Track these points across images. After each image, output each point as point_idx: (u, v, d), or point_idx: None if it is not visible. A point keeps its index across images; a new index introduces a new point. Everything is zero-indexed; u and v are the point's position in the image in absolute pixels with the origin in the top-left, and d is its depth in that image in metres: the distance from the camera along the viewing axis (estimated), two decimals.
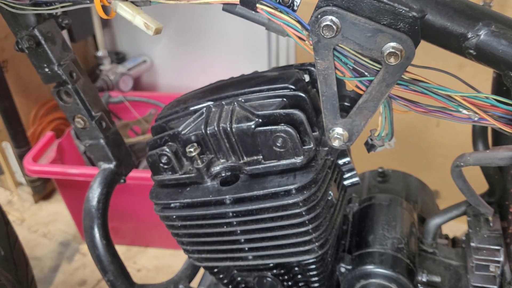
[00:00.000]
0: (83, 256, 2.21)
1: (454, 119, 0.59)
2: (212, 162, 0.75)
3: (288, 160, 0.70)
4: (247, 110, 0.71)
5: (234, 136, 0.71)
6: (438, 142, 2.02)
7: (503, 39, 0.52)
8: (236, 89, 0.75)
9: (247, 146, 0.72)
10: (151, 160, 0.77)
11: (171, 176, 0.76)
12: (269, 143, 0.70)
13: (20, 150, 2.31)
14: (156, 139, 0.77)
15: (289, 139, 0.68)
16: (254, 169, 0.72)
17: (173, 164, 0.75)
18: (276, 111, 0.69)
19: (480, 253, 0.84)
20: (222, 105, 0.74)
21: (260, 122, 0.70)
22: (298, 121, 0.69)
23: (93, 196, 0.92)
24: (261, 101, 0.73)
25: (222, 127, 0.71)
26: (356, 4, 0.53)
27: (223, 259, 0.81)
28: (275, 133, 0.68)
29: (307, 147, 0.70)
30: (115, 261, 0.92)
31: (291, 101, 0.71)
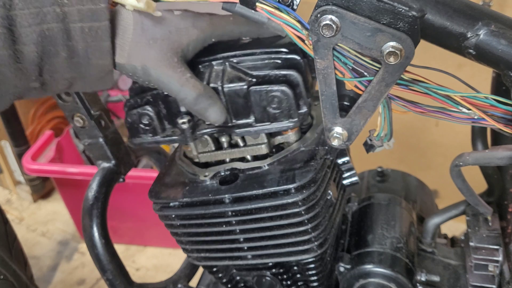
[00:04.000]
0: (82, 255, 2.21)
1: (453, 119, 0.59)
2: (197, 124, 0.72)
3: (282, 123, 0.68)
4: (240, 71, 0.68)
5: (225, 97, 0.68)
6: (437, 141, 2.02)
7: (502, 38, 0.52)
8: (226, 51, 0.70)
9: (238, 107, 0.69)
10: (130, 121, 0.72)
11: (151, 139, 0.73)
12: (263, 104, 0.67)
13: (19, 149, 2.31)
14: (136, 99, 0.72)
15: (285, 99, 0.66)
16: (244, 131, 0.70)
17: (154, 126, 0.72)
18: (271, 72, 0.67)
19: (479, 252, 0.84)
20: (212, 65, 0.70)
21: (255, 82, 0.67)
22: (294, 82, 0.66)
23: (92, 195, 0.92)
24: (254, 62, 0.69)
25: (213, 87, 0.67)
26: (356, 4, 0.53)
27: (222, 258, 0.81)
28: (271, 92, 0.66)
29: (302, 111, 0.68)
30: (114, 260, 0.92)
31: (285, 63, 0.68)
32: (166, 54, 0.60)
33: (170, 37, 0.61)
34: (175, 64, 0.61)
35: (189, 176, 0.79)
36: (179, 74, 0.61)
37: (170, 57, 0.61)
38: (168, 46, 0.61)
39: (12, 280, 1.09)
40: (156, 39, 0.60)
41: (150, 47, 0.60)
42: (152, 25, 0.60)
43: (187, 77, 0.62)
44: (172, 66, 0.61)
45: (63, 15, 0.54)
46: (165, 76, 0.61)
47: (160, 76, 0.61)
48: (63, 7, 0.54)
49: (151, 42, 0.60)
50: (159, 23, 0.61)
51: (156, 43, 0.60)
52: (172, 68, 0.61)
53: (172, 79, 0.61)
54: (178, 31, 0.62)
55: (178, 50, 0.62)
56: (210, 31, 0.65)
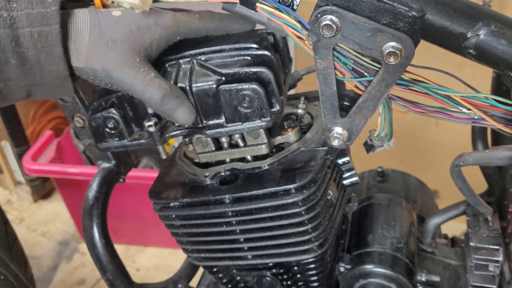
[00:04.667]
0: (82, 255, 2.21)
1: (453, 119, 0.59)
2: (166, 126, 0.68)
3: (254, 123, 0.65)
4: (209, 69, 0.65)
5: (194, 96, 0.65)
6: (437, 141, 2.02)
7: (502, 39, 0.52)
8: (194, 48, 0.67)
9: (207, 107, 0.66)
10: (95, 125, 0.69)
11: (117, 143, 0.69)
12: (233, 103, 0.64)
13: (19, 149, 2.31)
14: (101, 102, 0.68)
15: (256, 98, 0.63)
16: (215, 133, 0.67)
17: (120, 129, 0.68)
18: (241, 69, 0.64)
19: (479, 252, 0.84)
20: (179, 64, 0.67)
21: (224, 81, 0.64)
22: (266, 80, 0.63)
23: (92, 195, 0.92)
24: (223, 60, 0.66)
25: (180, 87, 0.64)
26: (356, 4, 0.53)
27: (222, 258, 0.81)
28: (241, 91, 0.63)
29: (274, 109, 0.65)
30: (114, 260, 0.92)
31: (256, 60, 0.65)
32: (127, 55, 0.59)
33: (131, 37, 0.59)
34: (138, 64, 0.59)
35: (189, 176, 0.79)
36: (142, 75, 0.59)
37: (132, 57, 0.59)
38: (129, 47, 0.59)
39: (12, 280, 1.09)
40: (115, 40, 0.58)
41: (109, 49, 0.58)
42: (110, 26, 0.59)
43: (152, 76, 0.60)
44: (135, 66, 0.59)
45: (10, 20, 0.52)
46: (127, 77, 0.59)
47: (122, 78, 0.59)
48: (11, 12, 0.53)
49: (110, 43, 0.58)
50: (118, 23, 0.59)
51: (116, 44, 0.58)
52: (134, 68, 0.59)
53: (135, 80, 0.59)
54: (139, 30, 0.60)
55: (140, 50, 0.60)
56: (174, 29, 0.63)
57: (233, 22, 0.66)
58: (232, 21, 0.66)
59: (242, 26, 0.67)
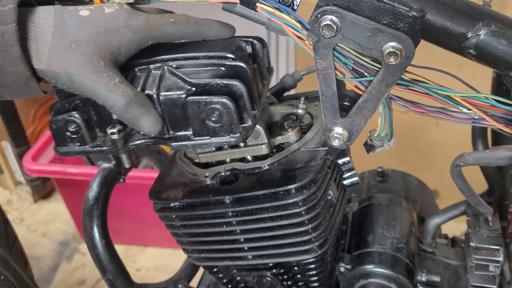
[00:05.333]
0: (82, 255, 2.21)
1: (454, 119, 0.59)
2: (131, 134, 0.64)
3: (222, 138, 0.61)
4: (179, 77, 0.62)
5: (161, 106, 0.61)
6: (438, 141, 2.02)
7: (503, 39, 0.52)
8: (166, 53, 0.64)
9: (175, 118, 0.62)
10: (55, 127, 0.65)
11: (78, 148, 0.66)
12: (201, 116, 0.60)
13: (20, 149, 2.31)
14: (64, 103, 0.64)
15: (226, 112, 0.59)
16: (181, 145, 0.63)
17: (82, 134, 0.64)
18: (213, 81, 0.60)
19: (479, 252, 0.84)
20: (149, 69, 0.63)
21: (193, 91, 0.61)
22: (238, 94, 0.60)
23: (92, 195, 0.92)
24: (196, 68, 0.63)
25: (148, 94, 0.61)
26: (356, 4, 0.53)
27: (223, 258, 0.81)
28: (210, 104, 0.59)
29: (245, 124, 0.62)
30: (115, 260, 0.92)
31: (230, 71, 0.62)
32: (91, 58, 0.56)
33: (98, 38, 0.56)
34: (102, 69, 0.56)
35: (190, 176, 0.79)
36: (106, 79, 0.56)
37: (96, 60, 0.56)
38: (94, 49, 0.56)
39: (12, 281, 1.09)
40: (79, 42, 0.55)
41: (72, 51, 0.55)
42: (76, 26, 0.56)
43: (116, 82, 0.57)
44: (98, 70, 0.56)
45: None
46: (90, 82, 0.56)
47: (84, 82, 0.56)
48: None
49: (73, 45, 0.55)
50: (84, 23, 0.56)
51: (80, 45, 0.55)
52: (97, 73, 0.56)
53: (97, 85, 0.56)
54: (107, 31, 0.57)
55: (106, 53, 0.57)
56: (145, 32, 0.59)
57: (211, 28, 0.64)
58: (210, 27, 0.64)
59: (220, 33, 0.64)
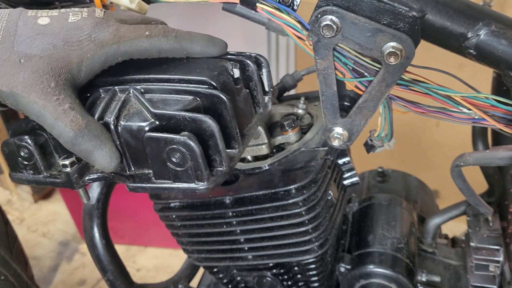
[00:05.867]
0: (82, 255, 2.21)
1: (454, 120, 0.59)
2: (87, 167, 0.55)
3: (186, 184, 0.51)
4: (143, 105, 0.52)
5: (120, 138, 0.52)
6: (438, 142, 2.02)
7: (503, 39, 0.52)
8: (138, 72, 0.55)
9: (136, 153, 0.53)
10: (7, 151, 0.56)
11: (32, 177, 0.57)
12: (162, 157, 0.50)
13: None
14: (21, 123, 0.57)
15: (189, 156, 0.49)
16: (139, 187, 0.53)
17: (35, 162, 0.56)
18: (179, 114, 0.50)
19: (479, 253, 0.84)
20: (114, 91, 0.54)
21: (156, 125, 0.51)
22: (208, 133, 0.50)
23: (92, 195, 0.92)
24: (166, 95, 0.53)
25: (105, 123, 0.52)
26: (356, 4, 0.53)
27: (223, 258, 0.81)
28: (171, 144, 0.49)
29: (217, 169, 0.51)
30: (115, 260, 0.93)
31: (205, 101, 0.52)
32: (40, 77, 0.48)
33: (53, 53, 0.49)
34: (50, 91, 0.48)
35: None
36: (53, 104, 0.48)
37: (46, 80, 0.48)
38: (48, 66, 0.48)
39: (12, 281, 1.09)
40: (30, 56, 0.48)
41: (20, 67, 0.48)
42: (30, 37, 0.49)
43: (65, 108, 0.48)
44: (46, 93, 0.48)
45: None
46: (36, 106, 0.48)
47: (29, 106, 0.48)
48: None
49: (22, 60, 0.48)
50: (41, 34, 0.49)
51: (30, 61, 0.48)
52: (45, 95, 0.48)
53: (43, 111, 0.48)
54: (66, 45, 0.49)
55: (61, 72, 0.49)
56: (113, 47, 0.51)
57: (194, 43, 0.55)
58: (193, 42, 0.55)
59: (205, 49, 0.55)
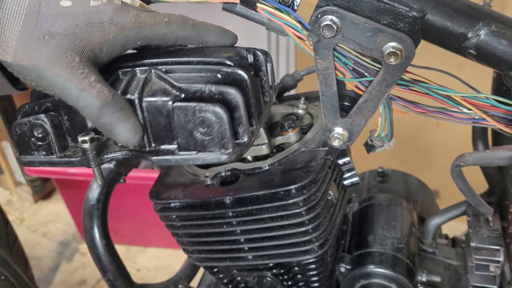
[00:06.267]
0: (82, 255, 2.21)
1: (454, 120, 0.59)
2: (105, 145, 0.56)
3: (211, 154, 0.53)
4: (167, 82, 0.54)
5: (143, 113, 0.54)
6: (438, 142, 2.02)
7: (503, 39, 0.52)
8: (157, 57, 0.57)
9: (159, 129, 0.54)
10: (19, 132, 0.56)
11: (44, 158, 0.57)
12: (188, 126, 0.52)
13: None
14: (33, 105, 0.57)
15: (218, 123, 0.51)
16: (162, 160, 0.55)
17: (50, 141, 0.56)
18: (205, 87, 0.52)
19: (480, 253, 0.84)
20: (134, 72, 0.56)
21: (182, 98, 0.53)
22: (233, 104, 0.52)
23: (93, 195, 0.92)
24: (188, 73, 0.55)
25: (128, 99, 0.53)
26: (356, 4, 0.53)
27: (223, 259, 0.81)
28: (200, 112, 0.51)
29: (240, 141, 0.53)
30: (115, 260, 0.93)
31: (227, 78, 0.54)
32: (64, 53, 0.49)
33: (76, 32, 0.50)
34: (75, 65, 0.49)
35: (190, 176, 0.79)
36: (79, 77, 0.49)
37: (70, 55, 0.49)
38: (70, 43, 0.49)
39: (13, 281, 1.09)
40: (54, 34, 0.49)
41: (44, 43, 0.49)
42: (52, 16, 0.49)
43: (91, 80, 0.50)
44: (71, 66, 0.49)
45: None
46: (60, 79, 0.49)
47: (54, 79, 0.49)
48: None
49: (46, 37, 0.49)
50: (64, 15, 0.50)
51: (54, 38, 0.49)
52: (70, 69, 0.49)
53: (69, 82, 0.49)
54: (88, 26, 0.50)
55: (84, 50, 0.50)
56: (134, 31, 0.53)
57: (210, 32, 0.57)
58: (208, 31, 0.57)
59: (219, 39, 0.58)
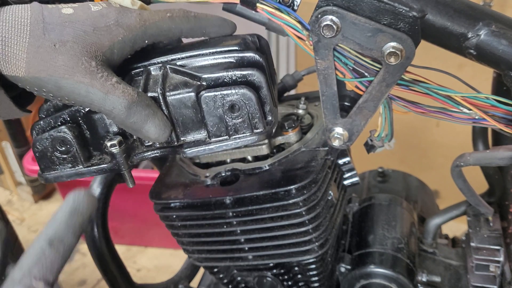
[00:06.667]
0: (83, 256, 2.21)
1: (454, 120, 0.59)
2: (132, 147, 0.56)
3: (243, 136, 0.54)
4: (186, 74, 0.55)
5: (168, 108, 0.54)
6: (438, 142, 2.02)
7: (503, 39, 0.52)
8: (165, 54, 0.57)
9: (185, 121, 0.55)
10: (40, 148, 0.55)
11: (71, 171, 0.56)
12: (218, 113, 0.53)
13: (20, 150, 2.31)
14: (48, 120, 0.56)
15: (247, 105, 0.52)
16: (196, 151, 0.55)
17: (74, 152, 0.55)
18: (226, 72, 0.53)
19: (480, 253, 0.84)
20: (148, 71, 0.56)
21: (205, 86, 0.54)
22: (257, 84, 0.53)
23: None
24: (202, 63, 0.56)
25: (151, 97, 0.53)
26: (356, 4, 0.53)
27: (223, 259, 0.81)
28: (228, 97, 0.52)
29: (268, 119, 0.55)
30: (115, 261, 0.93)
31: (242, 62, 0.55)
32: (80, 59, 0.48)
33: (86, 38, 0.49)
34: (93, 69, 0.48)
35: (190, 176, 0.79)
36: (100, 81, 0.48)
37: (86, 61, 0.48)
38: (82, 49, 0.49)
39: None
40: (64, 42, 0.48)
41: (56, 52, 0.47)
42: (59, 24, 0.49)
43: (113, 82, 0.49)
44: (90, 72, 0.48)
45: None
46: (82, 86, 0.48)
47: (75, 87, 0.48)
48: None
49: (57, 45, 0.48)
50: (69, 22, 0.49)
51: (65, 46, 0.48)
52: (90, 74, 0.48)
53: (91, 88, 0.48)
54: (96, 30, 0.50)
55: (97, 54, 0.50)
56: (140, 30, 0.53)
57: (211, 23, 0.58)
58: (210, 22, 0.58)
59: (221, 29, 0.59)
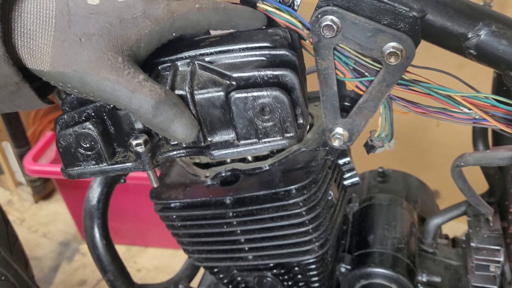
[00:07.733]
0: (83, 256, 2.21)
1: (454, 120, 0.59)
2: (158, 146, 0.55)
3: (274, 140, 0.52)
4: (215, 72, 0.52)
5: (196, 107, 0.51)
6: (438, 142, 2.02)
7: (503, 39, 0.52)
8: (193, 48, 0.54)
9: (213, 121, 0.52)
10: (64, 144, 0.53)
11: (94, 168, 0.55)
12: (248, 115, 0.51)
13: (20, 150, 2.31)
14: (72, 115, 0.54)
15: (279, 108, 0.50)
16: (224, 154, 0.53)
17: (99, 150, 0.53)
18: (258, 72, 0.50)
19: (480, 253, 0.84)
20: (175, 66, 0.53)
21: (235, 86, 0.51)
22: (290, 86, 0.50)
23: (93, 196, 0.92)
24: (232, 61, 0.53)
25: (179, 95, 0.50)
26: (357, 4, 0.53)
27: (223, 259, 0.81)
28: (260, 99, 0.49)
29: (299, 122, 0.52)
30: (115, 261, 0.93)
31: (274, 60, 0.52)
32: (106, 54, 0.46)
33: (112, 31, 0.47)
34: (120, 66, 0.47)
35: (190, 176, 0.79)
36: (127, 78, 0.47)
37: (112, 56, 0.46)
38: (109, 43, 0.47)
39: (13, 281, 1.09)
40: (90, 35, 0.46)
41: (81, 46, 0.46)
42: (84, 16, 0.47)
43: (140, 80, 0.47)
44: (116, 68, 0.46)
45: None
46: (108, 83, 0.46)
47: (100, 84, 0.46)
48: None
49: (83, 39, 0.46)
50: (94, 14, 0.47)
51: (91, 40, 0.46)
52: (116, 70, 0.46)
53: (118, 85, 0.46)
54: (122, 23, 0.48)
55: (123, 48, 0.47)
56: (168, 22, 0.50)
57: (241, 15, 0.54)
58: (240, 14, 0.54)
59: (250, 21, 0.55)
